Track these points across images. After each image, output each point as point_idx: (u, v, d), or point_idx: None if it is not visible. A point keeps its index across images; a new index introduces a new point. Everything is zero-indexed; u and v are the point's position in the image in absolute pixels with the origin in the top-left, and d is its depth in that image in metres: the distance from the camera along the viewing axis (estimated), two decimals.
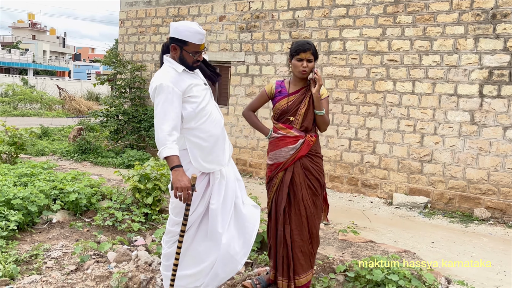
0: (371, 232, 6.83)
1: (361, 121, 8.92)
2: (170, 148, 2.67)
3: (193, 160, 2.84)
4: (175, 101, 2.75)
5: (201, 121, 2.84)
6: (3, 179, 4.97)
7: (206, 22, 11.00)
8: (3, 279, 3.16)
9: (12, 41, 60.29)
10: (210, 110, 2.88)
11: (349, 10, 8.96)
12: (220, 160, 2.89)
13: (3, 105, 24.25)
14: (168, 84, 2.75)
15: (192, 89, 2.82)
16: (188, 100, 2.81)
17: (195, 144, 2.85)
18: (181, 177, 2.64)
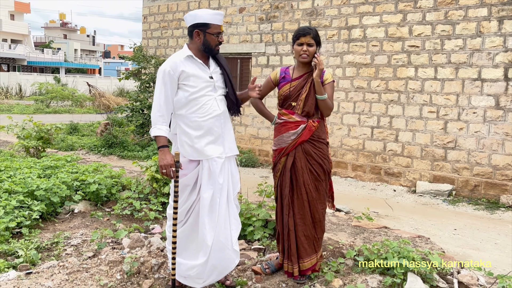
0: (392, 220, 6.77)
1: (383, 109, 8.81)
2: (159, 129, 2.88)
3: (180, 145, 2.96)
4: (169, 85, 2.91)
5: (191, 110, 2.93)
6: (28, 172, 5.19)
7: (226, 15, 11.05)
8: (24, 265, 3.33)
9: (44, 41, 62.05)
10: (204, 101, 2.94)
11: None
12: (205, 151, 2.93)
13: (37, 103, 25.06)
14: (167, 68, 2.91)
15: (189, 78, 2.91)
16: (181, 87, 2.93)
17: (183, 131, 2.96)
18: (164, 156, 2.84)
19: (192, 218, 2.98)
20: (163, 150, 2.87)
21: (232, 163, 3.12)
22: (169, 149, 2.91)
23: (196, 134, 2.93)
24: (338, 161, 9.46)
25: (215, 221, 2.94)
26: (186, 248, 3.02)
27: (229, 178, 3.05)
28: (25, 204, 4.35)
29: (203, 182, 2.93)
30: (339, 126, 9.40)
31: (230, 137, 3.10)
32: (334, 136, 9.47)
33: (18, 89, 34.16)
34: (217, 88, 3.03)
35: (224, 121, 3.03)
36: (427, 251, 3.22)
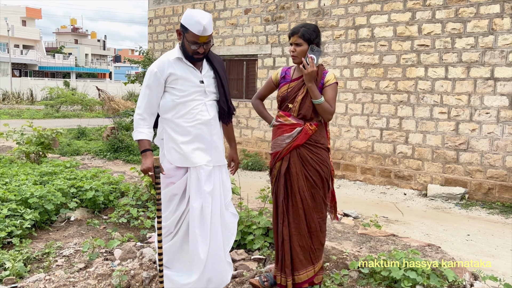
0: (402, 225, 6.52)
1: (392, 110, 8.55)
2: (141, 132, 2.72)
3: (166, 151, 2.78)
4: (154, 87, 2.73)
5: (178, 114, 2.74)
6: (24, 179, 5.06)
7: (232, 16, 10.89)
8: (10, 278, 3.17)
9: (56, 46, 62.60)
10: (192, 106, 2.74)
11: None
12: (192, 158, 2.74)
13: (47, 108, 25.17)
14: (154, 69, 2.74)
15: (178, 81, 2.72)
16: (169, 90, 2.75)
17: (170, 137, 2.78)
18: (144, 160, 2.70)
19: (183, 229, 2.79)
20: (145, 154, 2.70)
21: (223, 171, 2.92)
22: (152, 153, 2.73)
23: (183, 140, 2.74)
24: (347, 164, 9.22)
25: (207, 233, 2.75)
26: (179, 262, 2.83)
27: (220, 186, 2.85)
28: (18, 213, 4.21)
29: (191, 191, 2.74)
30: (347, 128, 9.17)
31: (220, 146, 2.88)
32: (342, 139, 9.24)
33: (29, 94, 34.43)
34: (208, 93, 2.81)
35: (213, 128, 2.81)
36: (438, 263, 2.99)
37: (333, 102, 2.95)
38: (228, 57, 11.07)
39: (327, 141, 3.06)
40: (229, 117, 2.94)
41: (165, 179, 2.80)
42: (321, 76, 3.00)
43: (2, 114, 22.34)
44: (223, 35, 11.09)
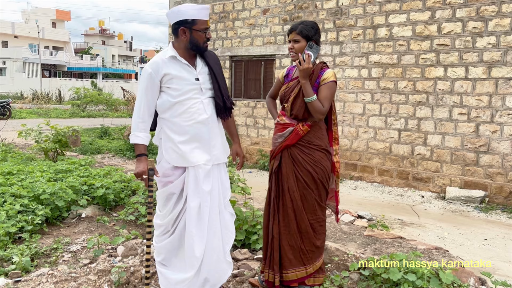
0: (417, 228, 6.40)
1: (411, 111, 8.41)
2: (137, 136, 2.72)
3: (165, 151, 2.78)
4: (150, 88, 2.72)
5: (175, 114, 2.73)
6: (38, 176, 5.18)
7: (250, 17, 10.90)
8: (15, 272, 3.26)
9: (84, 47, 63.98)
10: (189, 105, 2.72)
11: None
12: (190, 157, 2.74)
13: (73, 108, 25.74)
14: (148, 69, 2.73)
15: (172, 80, 2.71)
16: (165, 89, 2.74)
17: (168, 136, 2.77)
18: (138, 164, 2.71)
19: (179, 228, 2.80)
20: (139, 159, 2.72)
21: (222, 169, 2.92)
22: (147, 157, 2.75)
23: (181, 139, 2.74)
24: (364, 166, 9.11)
25: (205, 232, 2.75)
26: (177, 259, 2.84)
27: (219, 185, 2.85)
28: (30, 209, 4.31)
29: (189, 190, 2.74)
30: (365, 129, 9.06)
31: (219, 143, 2.87)
32: (359, 140, 9.13)
33: (57, 94, 35.28)
34: (204, 90, 2.79)
35: (211, 127, 2.79)
36: (438, 266, 2.92)
37: (326, 101, 2.89)
38: (246, 58, 11.09)
39: (325, 143, 3.01)
40: (227, 113, 2.90)
41: (163, 178, 2.82)
42: (317, 74, 2.95)
43: (31, 113, 22.94)
44: (242, 36, 11.11)
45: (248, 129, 11.13)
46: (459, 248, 5.61)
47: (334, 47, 9.39)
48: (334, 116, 3.07)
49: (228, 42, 11.43)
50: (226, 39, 11.45)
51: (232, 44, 11.34)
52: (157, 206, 2.91)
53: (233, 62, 11.51)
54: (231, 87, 11.58)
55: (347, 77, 9.23)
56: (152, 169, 2.70)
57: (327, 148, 3.03)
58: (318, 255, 3.04)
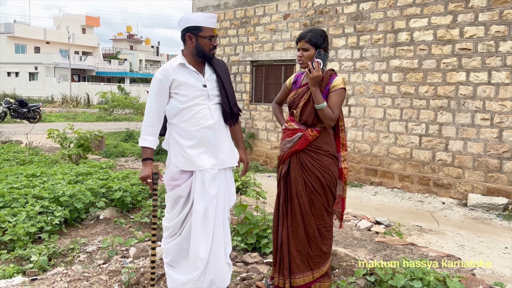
0: (436, 235, 6.31)
1: (432, 116, 8.30)
2: (145, 139, 2.82)
3: (173, 155, 2.86)
4: (160, 94, 2.82)
5: (183, 119, 2.82)
6: (60, 178, 5.35)
7: (271, 22, 10.97)
8: (32, 270, 3.39)
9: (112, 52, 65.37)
10: (196, 111, 2.81)
11: None
12: (197, 161, 2.81)
13: (100, 112, 26.33)
14: (158, 75, 2.83)
15: (181, 86, 2.80)
16: (173, 95, 2.83)
17: (176, 141, 2.85)
18: (144, 168, 2.82)
19: (186, 230, 2.88)
20: (145, 163, 2.82)
21: (228, 174, 2.98)
22: (153, 162, 2.84)
23: (188, 144, 2.82)
24: (384, 171, 9.03)
25: (210, 234, 2.82)
26: (184, 261, 2.92)
27: (224, 189, 2.91)
28: (50, 210, 4.47)
29: (195, 194, 2.81)
30: (385, 134, 8.98)
31: (225, 148, 2.92)
32: (380, 145, 9.06)
33: (86, 98, 36.14)
34: (212, 97, 2.87)
35: (218, 132, 2.87)
36: (445, 274, 2.90)
37: (336, 108, 2.93)
38: (267, 62, 11.16)
39: (333, 148, 3.03)
40: (233, 119, 2.97)
41: (171, 182, 2.90)
42: (327, 81, 2.99)
43: (60, 117, 23.59)
44: (262, 41, 11.19)
45: (268, 134, 11.18)
46: (478, 256, 5.51)
47: (354, 51, 9.36)
48: (342, 123, 3.09)
49: (249, 47, 11.52)
50: (247, 44, 11.55)
51: (253, 49, 11.43)
52: (165, 208, 2.99)
53: (254, 67, 11.59)
54: (252, 91, 11.67)
55: (367, 82, 9.18)
56: (156, 173, 2.78)
57: (335, 154, 3.05)
58: (324, 260, 3.06)
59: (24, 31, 49.47)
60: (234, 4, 11.90)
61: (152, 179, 2.78)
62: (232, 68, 12.00)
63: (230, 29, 12.04)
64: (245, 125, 11.76)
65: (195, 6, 13.00)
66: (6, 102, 19.40)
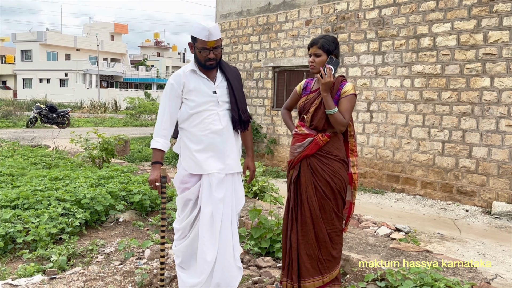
0: (457, 243, 6.20)
1: (455, 122, 8.16)
2: (157, 141, 2.90)
3: (182, 159, 2.93)
4: (172, 98, 2.91)
5: (192, 124, 2.89)
6: (82, 181, 5.51)
7: (293, 28, 11.02)
8: (51, 270, 3.51)
9: (140, 59, 66.58)
10: (205, 116, 2.87)
11: (439, 3, 8.30)
12: (204, 165, 2.87)
13: (127, 117, 26.85)
14: (171, 81, 2.93)
15: (191, 92, 2.88)
16: (184, 100, 2.92)
17: (185, 145, 2.93)
18: (152, 171, 2.88)
19: (194, 233, 2.94)
20: (154, 166, 2.89)
21: (236, 179, 3.03)
22: (161, 165, 2.92)
23: (196, 148, 2.89)
24: (407, 178, 8.92)
25: (217, 238, 2.87)
26: (192, 263, 2.98)
27: (232, 193, 2.96)
28: (71, 212, 4.61)
29: (203, 197, 2.88)
30: (407, 140, 8.88)
31: (233, 154, 2.98)
32: (402, 151, 8.96)
33: (113, 104, 36.93)
34: (221, 103, 2.94)
35: (226, 137, 2.93)
36: (455, 280, 2.87)
37: (346, 113, 2.96)
38: (288, 68, 11.20)
39: (343, 153, 3.05)
40: (242, 125, 3.02)
41: (181, 185, 2.97)
42: (338, 87, 3.02)
43: (88, 122, 24.17)
44: (284, 47, 11.24)
45: (289, 139, 11.20)
46: (500, 266, 5.39)
47: (376, 57, 9.30)
48: (351, 128, 3.11)
49: (271, 53, 11.59)
50: (269, 50, 11.62)
51: (275, 55, 11.49)
52: (176, 211, 3.06)
53: (276, 72, 11.65)
54: (274, 97, 11.72)
55: (389, 87, 9.11)
56: (164, 177, 2.85)
57: (345, 159, 3.07)
58: (334, 264, 3.07)
59: (55, 39, 50.98)
60: (257, 10, 12.01)
61: (160, 183, 2.85)
62: (254, 74, 12.09)
63: (253, 36, 12.14)
64: (267, 131, 11.81)
65: (219, 14, 13.18)
66: (37, 108, 20.01)
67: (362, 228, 6.26)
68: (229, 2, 12.83)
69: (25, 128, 19.45)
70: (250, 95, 12.25)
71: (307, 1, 10.70)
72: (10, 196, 4.86)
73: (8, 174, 6.19)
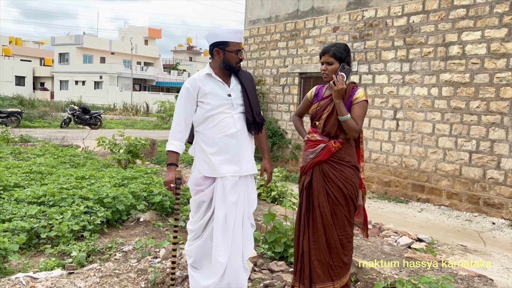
0: (481, 256, 6.05)
1: (483, 132, 7.98)
2: (172, 144, 2.98)
3: (197, 161, 3.00)
4: (188, 102, 2.98)
5: (208, 127, 2.96)
6: (106, 181, 5.68)
7: (320, 34, 11.03)
8: (71, 265, 3.65)
9: (172, 63, 67.70)
10: (220, 119, 2.94)
11: (469, 11, 8.15)
12: (219, 168, 2.93)
13: (157, 120, 27.34)
14: (187, 85, 3.01)
15: (206, 95, 2.95)
16: (199, 104, 2.99)
17: (200, 148, 2.99)
18: (167, 173, 2.96)
19: (207, 233, 3.01)
20: (169, 168, 2.98)
21: (249, 181, 3.08)
22: (176, 167, 2.99)
23: (211, 151, 2.96)
24: (432, 188, 8.76)
25: (229, 239, 2.93)
26: (204, 263, 3.05)
27: (245, 196, 3.02)
28: (93, 210, 4.76)
29: (217, 200, 2.94)
30: (433, 149, 8.73)
31: (248, 156, 3.04)
32: (428, 160, 8.81)
33: (145, 106, 37.65)
34: (236, 106, 3.01)
35: (240, 140, 2.99)
36: None
37: (359, 119, 2.98)
38: (315, 74, 11.20)
39: (355, 159, 3.07)
40: (256, 128, 3.07)
41: (195, 187, 3.05)
42: (350, 94, 3.04)
43: (119, 124, 24.75)
44: (311, 53, 11.25)
45: None
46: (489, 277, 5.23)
47: (403, 64, 9.20)
48: (362, 135, 3.13)
49: (298, 59, 11.62)
50: (296, 56, 11.66)
51: (301, 61, 11.52)
52: (190, 212, 3.14)
53: (302, 78, 11.67)
54: (299, 103, 11.72)
55: (416, 96, 8.99)
56: (179, 178, 2.93)
57: (357, 165, 3.09)
58: (345, 271, 3.08)
59: (91, 43, 52.46)
60: (285, 17, 12.08)
61: (175, 184, 2.93)
62: (281, 80, 12.14)
63: (280, 42, 12.21)
64: (292, 136, 11.83)
65: (248, 19, 13.31)
66: (71, 109, 20.66)
67: (383, 237, 6.20)
68: (258, 9, 12.95)
69: (59, 128, 20.09)
70: (276, 100, 12.31)
71: (335, 8, 10.70)
72: (37, 193, 5.07)
73: (38, 172, 6.43)
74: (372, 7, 9.82)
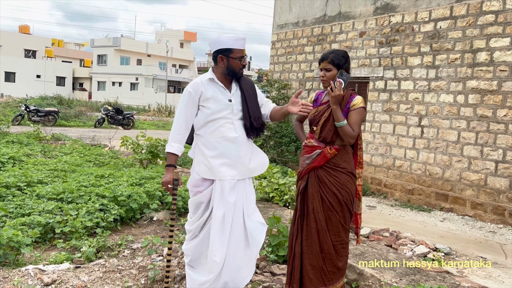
0: (500, 269, 5.88)
1: (510, 142, 7.74)
2: (172, 146, 3.06)
3: (197, 163, 3.07)
4: (189, 105, 3.06)
5: (208, 131, 3.03)
6: (124, 180, 5.85)
7: (347, 39, 10.97)
8: (79, 259, 3.80)
9: (207, 66, 68.52)
10: (220, 124, 3.02)
11: (498, 17, 7.94)
12: (218, 171, 2.99)
13: None
14: (189, 89, 3.09)
15: (208, 100, 3.03)
16: (201, 108, 3.07)
17: (200, 150, 3.07)
18: (166, 174, 3.04)
19: (204, 233, 3.08)
20: (168, 168, 3.06)
21: (247, 184, 3.14)
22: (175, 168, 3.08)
23: (211, 154, 3.03)
24: (456, 197, 8.56)
25: (226, 239, 2.99)
26: (201, 262, 3.12)
27: (243, 197, 3.08)
28: (108, 208, 4.93)
29: (215, 201, 3.02)
30: (458, 158, 8.53)
31: (247, 161, 3.09)
32: (452, 169, 8.62)
33: None
34: (236, 111, 3.07)
35: (240, 145, 3.05)
36: None
37: (356, 126, 2.99)
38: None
39: (351, 166, 3.07)
40: (254, 133, 3.12)
41: (194, 188, 3.13)
42: (347, 100, 3.06)
43: (151, 125, 25.28)
44: None
45: None
46: None
47: (429, 71, 9.04)
48: (360, 141, 3.13)
49: None
50: None
51: None
52: (188, 213, 3.22)
53: None
54: None
55: (441, 103, 8.81)
56: (177, 179, 3.02)
57: (353, 172, 3.09)
58: (339, 276, 3.09)
59: (129, 45, 53.79)
60: (312, 21, 12.07)
61: (172, 185, 3.02)
62: (306, 84, 12.14)
63: (307, 46, 12.21)
64: None
65: (276, 24, 13.39)
66: (105, 109, 21.27)
67: (399, 245, 6.11)
68: (286, 13, 13.00)
69: (93, 128, 20.71)
70: None
71: (362, 13, 10.62)
72: (57, 190, 5.29)
73: (61, 170, 6.70)
74: (399, 12, 9.71)
